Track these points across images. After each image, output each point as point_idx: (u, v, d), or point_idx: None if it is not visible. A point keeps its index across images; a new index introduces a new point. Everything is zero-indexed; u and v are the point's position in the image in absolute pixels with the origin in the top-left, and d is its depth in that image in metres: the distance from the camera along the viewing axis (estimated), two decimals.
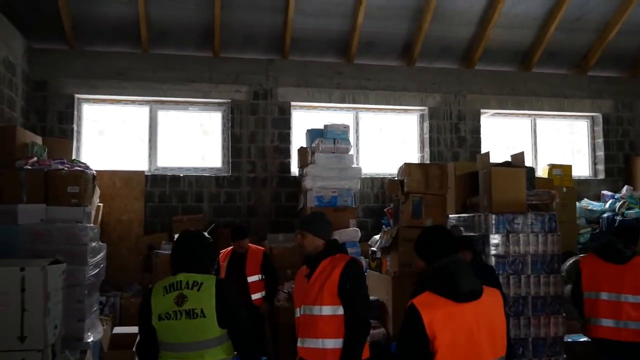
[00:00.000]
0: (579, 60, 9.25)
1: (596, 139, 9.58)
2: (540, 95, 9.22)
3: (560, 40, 8.82)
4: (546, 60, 9.11)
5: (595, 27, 8.73)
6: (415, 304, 2.56)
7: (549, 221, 5.81)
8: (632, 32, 8.86)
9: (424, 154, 9.07)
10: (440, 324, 2.51)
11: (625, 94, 9.50)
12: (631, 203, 8.74)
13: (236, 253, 5.99)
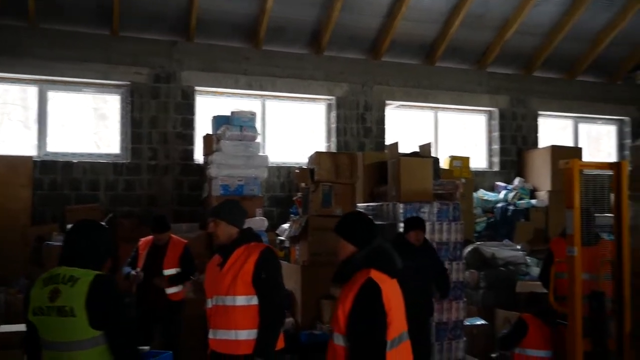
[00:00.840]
0: (479, 56, 9.62)
1: (492, 132, 10.02)
2: (443, 88, 9.50)
3: (463, 36, 9.12)
4: (449, 55, 9.39)
5: (496, 25, 9.11)
6: (373, 278, 2.73)
7: (453, 210, 5.99)
8: (528, 32, 9.32)
9: (330, 144, 9.08)
10: (390, 297, 2.75)
11: (520, 90, 10.00)
12: (522, 194, 9.23)
13: (156, 244, 5.61)
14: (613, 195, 4.93)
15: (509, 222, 8.92)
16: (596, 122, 10.89)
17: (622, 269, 4.74)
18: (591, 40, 9.77)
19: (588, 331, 4.63)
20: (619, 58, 10.35)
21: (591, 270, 4.78)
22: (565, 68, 10.23)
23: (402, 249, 5.13)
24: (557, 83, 10.27)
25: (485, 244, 7.84)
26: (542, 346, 4.81)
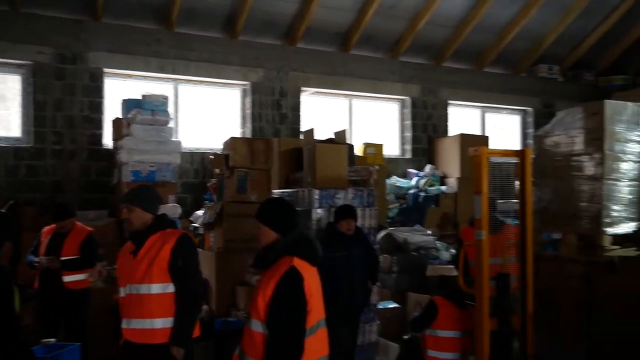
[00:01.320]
0: (392, 45, 9.79)
1: (405, 120, 10.26)
2: (357, 76, 9.61)
3: (376, 25, 9.25)
4: (364, 44, 9.50)
5: (408, 15, 9.29)
6: (296, 266, 2.73)
7: (367, 196, 6.09)
8: (439, 24, 9.59)
9: (245, 130, 8.98)
10: (311, 285, 2.77)
11: (431, 80, 10.28)
12: (433, 180, 9.53)
13: (59, 232, 5.33)
14: (518, 181, 5.18)
15: (420, 208, 9.19)
16: (501, 112, 11.39)
17: (526, 251, 5.00)
18: (497, 34, 10.19)
19: (494, 311, 4.86)
20: (523, 51, 10.86)
21: (497, 254, 5.02)
22: (473, 59, 10.62)
23: (333, 239, 5.19)
24: (466, 74, 10.65)
25: (397, 230, 8.04)
26: (452, 327, 4.99)
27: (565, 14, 10.05)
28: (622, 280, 5.09)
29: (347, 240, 5.26)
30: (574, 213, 5.66)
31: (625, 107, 5.49)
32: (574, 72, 11.62)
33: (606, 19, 10.50)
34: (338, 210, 5.39)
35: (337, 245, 5.16)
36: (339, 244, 5.20)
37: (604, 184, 5.44)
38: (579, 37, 10.90)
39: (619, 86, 11.50)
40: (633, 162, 5.61)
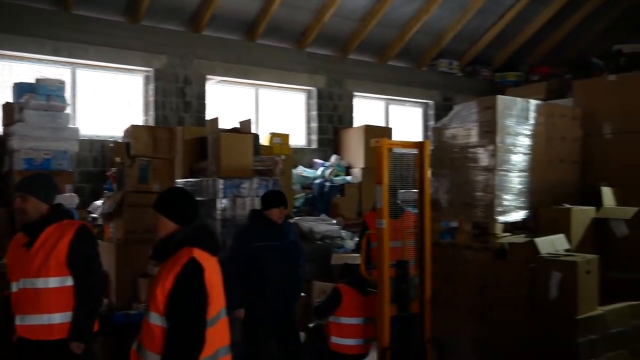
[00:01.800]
0: (299, 36, 9.83)
1: (311, 111, 10.34)
2: (264, 66, 9.57)
3: (283, 15, 9.24)
4: (271, 33, 9.47)
5: (314, 7, 9.36)
6: (196, 258, 2.70)
7: (273, 186, 6.11)
8: (345, 17, 9.72)
9: (148, 118, 8.72)
10: (212, 275, 2.76)
11: (337, 71, 10.42)
12: (338, 170, 9.69)
13: None
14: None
15: (325, 198, 9.32)
16: (405, 104, 11.74)
17: (424, 239, 5.20)
18: (400, 28, 10.47)
19: (394, 297, 5.03)
20: (424, 46, 11.23)
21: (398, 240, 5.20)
22: (378, 53, 10.86)
23: (265, 228, 4.99)
24: (371, 66, 10.88)
25: (303, 219, 8.12)
26: (355, 314, 5.13)
27: (463, 12, 10.48)
28: (511, 265, 5.41)
29: (278, 229, 5.09)
30: (469, 202, 5.95)
31: (515, 102, 5.83)
32: (472, 67, 12.16)
33: (501, 18, 11.05)
34: (269, 196, 5.18)
35: (267, 235, 4.98)
36: (269, 234, 5.00)
37: (497, 174, 5.75)
38: (476, 34, 11.41)
39: (513, 82, 12.19)
40: (523, 155, 5.97)
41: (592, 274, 5.09)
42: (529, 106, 5.91)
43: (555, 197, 6.17)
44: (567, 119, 6.30)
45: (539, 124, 6.01)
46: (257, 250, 4.90)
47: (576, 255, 5.21)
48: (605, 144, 6.36)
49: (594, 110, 6.42)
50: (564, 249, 5.42)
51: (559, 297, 4.98)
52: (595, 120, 6.40)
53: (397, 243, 5.18)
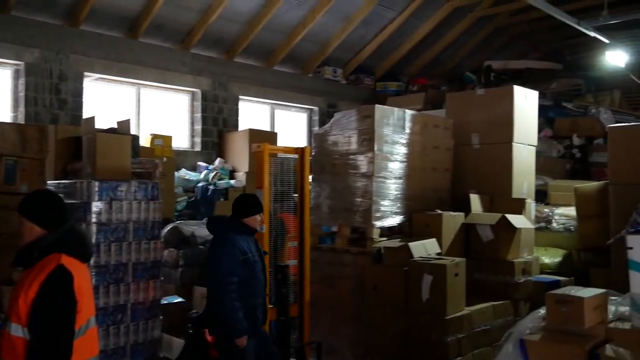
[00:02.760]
0: (184, 36, 9.63)
1: (195, 113, 10.16)
2: (146, 65, 9.27)
3: (167, 14, 9.01)
4: (154, 32, 9.20)
5: (200, 7, 9.21)
6: (64, 265, 2.58)
7: (151, 189, 5.92)
8: (231, 19, 9.65)
9: (18, 114, 8.15)
10: (81, 283, 2.64)
11: (222, 74, 10.31)
12: (222, 174, 9.59)
13: None
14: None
15: (209, 201, 9.19)
16: (290, 109, 11.85)
17: (304, 243, 5.29)
18: (287, 34, 10.57)
19: (274, 301, 5.07)
20: (310, 53, 11.41)
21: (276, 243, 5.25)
22: (264, 57, 10.89)
23: (246, 238, 4.51)
24: (257, 70, 10.88)
25: (185, 223, 7.95)
26: None
27: (347, 22, 10.78)
28: (387, 268, 5.64)
29: (254, 238, 4.65)
30: (348, 207, 6.14)
31: (392, 112, 6.08)
32: (355, 76, 12.51)
33: (383, 30, 11.47)
34: (250, 202, 4.74)
35: (249, 245, 4.51)
36: (251, 244, 4.54)
37: (374, 181, 5.98)
38: (360, 44, 11.77)
39: (394, 91, 12.71)
40: (399, 162, 6.24)
41: (460, 276, 5.42)
42: (405, 116, 6.19)
43: (429, 203, 6.50)
44: (440, 129, 6.66)
45: (414, 133, 6.31)
46: (246, 264, 4.43)
47: (446, 258, 5.52)
48: (474, 154, 6.80)
49: (464, 121, 6.85)
50: (436, 252, 5.73)
51: (430, 298, 5.26)
52: (465, 130, 6.84)
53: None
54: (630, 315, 3.06)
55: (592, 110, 9.95)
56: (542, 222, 7.58)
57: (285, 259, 5.24)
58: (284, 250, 5.24)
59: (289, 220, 5.50)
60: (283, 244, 5.26)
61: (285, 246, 5.25)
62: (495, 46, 13.74)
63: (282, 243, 5.27)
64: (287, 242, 5.29)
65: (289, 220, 5.50)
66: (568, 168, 9.35)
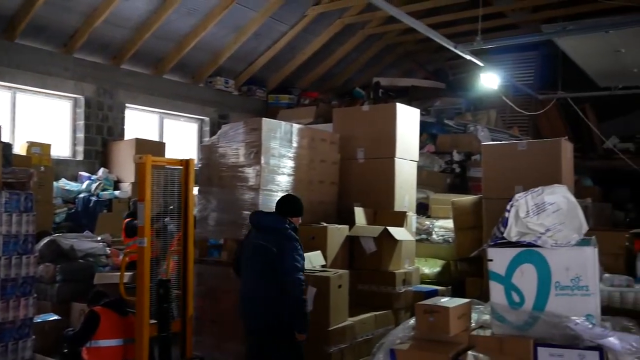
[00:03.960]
0: (66, 39, 9.18)
1: (77, 120, 9.71)
2: (24, 69, 8.75)
3: (48, 15, 8.57)
4: (33, 33, 8.70)
5: (84, 9, 8.84)
6: None
7: (25, 200, 5.58)
8: (118, 24, 9.35)
9: None
10: None
11: (108, 81, 9.94)
12: (106, 184, 9.23)
13: None
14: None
15: (91, 213, 8.80)
16: (180, 119, 11.63)
17: (187, 256, 5.19)
18: (177, 42, 10.39)
19: (155, 317, 4.94)
20: (201, 63, 11.28)
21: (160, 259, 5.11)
22: (153, 64, 10.63)
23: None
24: (146, 78, 10.59)
25: (64, 236, 7.55)
26: (114, 335, 4.93)
27: (239, 33, 10.77)
28: None
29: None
30: (235, 220, 6.10)
31: (280, 125, 6.14)
32: (247, 87, 12.52)
33: (276, 43, 11.58)
34: (299, 202, 4.94)
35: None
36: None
37: (261, 194, 5.99)
38: (252, 56, 11.80)
39: (286, 104, 12.83)
40: (286, 175, 6.30)
41: (343, 287, 5.54)
42: (292, 130, 6.27)
43: (315, 215, 6.60)
44: (326, 143, 6.81)
45: (302, 147, 6.41)
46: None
47: (330, 270, 5.63)
48: (359, 168, 7.00)
49: (350, 136, 7.04)
50: (321, 265, 5.83)
51: (314, 310, 5.32)
52: (351, 145, 7.03)
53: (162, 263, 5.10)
54: (490, 323, 3.28)
55: (470, 127, 10.56)
56: (423, 234, 7.92)
57: (168, 273, 5.12)
58: (167, 264, 5.11)
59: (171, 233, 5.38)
60: (166, 258, 5.14)
61: (168, 260, 5.12)
62: (385, 63, 14.26)
63: (164, 257, 5.13)
64: (171, 256, 5.17)
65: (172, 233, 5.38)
66: (448, 182, 9.84)
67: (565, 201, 3.16)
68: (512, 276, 3.19)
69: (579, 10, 10.76)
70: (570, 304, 3.08)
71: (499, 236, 3.18)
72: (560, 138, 6.51)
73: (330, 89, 13.66)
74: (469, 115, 11.43)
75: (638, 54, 7.62)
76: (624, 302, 4.50)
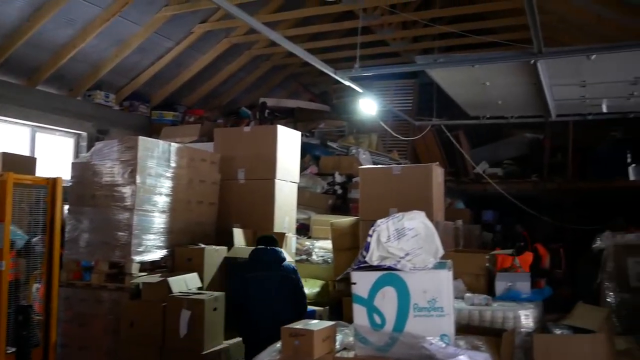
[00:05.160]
0: None
1: None
2: None
3: None
4: None
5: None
6: None
7: None
8: None
9: None
10: None
11: None
12: None
13: None
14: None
15: None
16: (55, 133, 11.03)
17: (52, 280, 4.94)
18: (54, 52, 9.87)
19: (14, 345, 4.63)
20: (79, 75, 10.78)
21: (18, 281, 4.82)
22: (25, 74, 10.03)
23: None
24: (16, 89, 9.96)
25: None
26: None
27: (122, 47, 10.43)
28: (145, 304, 5.50)
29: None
30: (107, 241, 5.90)
31: (157, 144, 6.03)
32: (129, 102, 12.11)
33: (160, 59, 11.33)
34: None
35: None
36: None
37: (137, 214, 5.84)
38: (135, 70, 11.44)
39: (170, 121, 12.53)
40: (165, 196, 6.18)
41: (219, 310, 5.49)
42: (170, 149, 6.17)
43: (194, 236, 6.52)
44: (206, 163, 6.76)
45: (180, 166, 6.32)
46: None
47: (205, 293, 5.56)
48: (240, 189, 7.01)
49: (231, 156, 7.04)
50: (197, 287, 5.74)
51: (188, 334, 5.24)
52: (232, 166, 7.03)
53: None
54: (354, 345, 3.39)
55: (353, 150, 10.88)
56: (304, 255, 8.01)
57: (30, 298, 4.83)
58: (28, 288, 4.82)
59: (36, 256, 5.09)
60: (28, 282, 4.85)
61: (30, 284, 4.84)
62: (272, 84, 14.38)
63: (26, 280, 4.85)
64: (33, 280, 4.88)
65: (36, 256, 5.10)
66: (331, 203, 10.04)
67: (423, 227, 3.35)
68: (374, 299, 3.32)
69: (455, 43, 11.49)
70: (427, 325, 3.25)
71: (362, 260, 3.31)
72: (431, 163, 6.88)
73: (217, 107, 13.54)
74: (351, 138, 11.77)
75: (501, 88, 8.22)
76: (482, 320, 4.79)
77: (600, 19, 8.18)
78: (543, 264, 8.59)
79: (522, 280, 5.38)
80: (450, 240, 7.69)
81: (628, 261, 6.83)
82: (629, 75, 7.24)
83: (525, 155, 12.92)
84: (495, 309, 4.88)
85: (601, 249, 7.12)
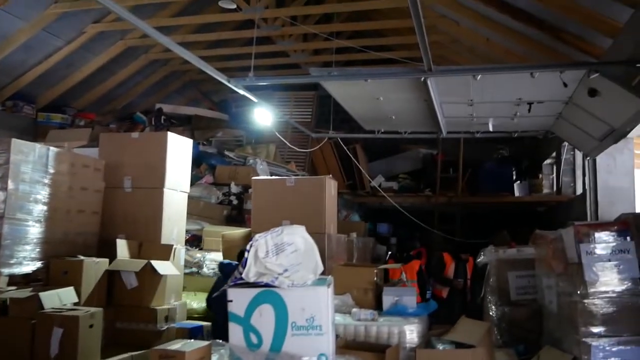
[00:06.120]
0: None
1: None
2: None
3: None
4: None
5: None
6: None
7: None
8: None
9: None
10: None
11: None
12: None
13: None
14: None
15: None
16: None
17: None
18: None
19: None
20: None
21: None
22: None
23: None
24: None
25: None
26: None
27: (5, 44, 9.78)
28: (12, 322, 5.07)
29: None
30: None
31: (33, 148, 5.62)
32: (13, 102, 11.35)
33: (48, 58, 10.71)
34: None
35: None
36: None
37: (7, 223, 5.40)
38: (20, 69, 10.76)
39: (58, 124, 11.86)
40: (41, 204, 5.76)
41: (96, 327, 5.14)
42: (49, 153, 5.78)
43: (74, 247, 6.12)
44: (90, 169, 6.38)
45: (60, 172, 5.92)
46: None
47: (80, 309, 5.20)
48: (126, 198, 6.66)
49: (117, 163, 6.68)
50: (72, 302, 5.37)
51: (60, 353, 4.88)
52: (118, 173, 6.67)
53: None
54: None
55: (250, 160, 10.74)
56: (194, 267, 7.78)
57: None
58: None
59: None
60: None
61: None
62: (170, 90, 13.99)
63: None
64: None
65: None
66: (226, 214, 9.85)
67: (303, 241, 3.28)
68: (251, 317, 3.20)
69: (356, 58, 11.68)
70: (305, 344, 3.17)
71: (238, 277, 3.19)
72: (324, 176, 6.88)
73: (110, 111, 12.99)
74: (249, 148, 11.63)
75: (394, 103, 8.40)
76: (368, 336, 4.81)
77: (489, 42, 8.58)
78: (446, 272, 8.82)
79: (409, 295, 5.46)
80: (343, 253, 7.74)
81: (509, 275, 7.13)
82: (513, 96, 7.60)
83: (420, 169, 13.31)
84: (381, 324, 4.91)
85: (485, 263, 7.39)
